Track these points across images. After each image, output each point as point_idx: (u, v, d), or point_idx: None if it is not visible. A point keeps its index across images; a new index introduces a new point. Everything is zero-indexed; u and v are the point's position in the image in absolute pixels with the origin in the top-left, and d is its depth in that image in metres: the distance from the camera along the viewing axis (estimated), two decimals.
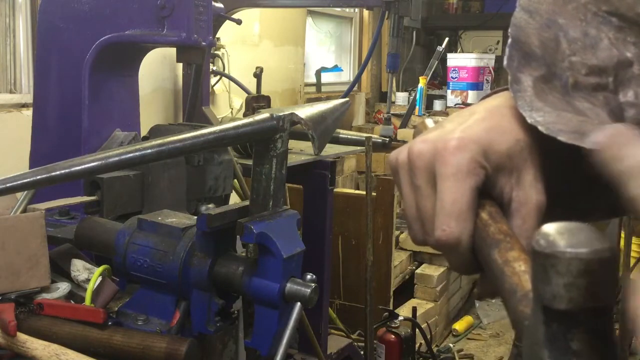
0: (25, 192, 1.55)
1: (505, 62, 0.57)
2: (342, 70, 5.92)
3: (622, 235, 4.13)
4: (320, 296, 1.68)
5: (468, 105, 5.81)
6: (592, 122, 0.53)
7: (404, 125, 5.56)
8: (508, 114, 0.56)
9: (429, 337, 3.77)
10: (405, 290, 4.42)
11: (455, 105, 5.91)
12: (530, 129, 0.53)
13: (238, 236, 1.19)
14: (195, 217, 1.26)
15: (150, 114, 2.99)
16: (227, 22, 3.02)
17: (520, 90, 0.55)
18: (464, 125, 0.56)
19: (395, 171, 0.59)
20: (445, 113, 5.69)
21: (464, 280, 4.91)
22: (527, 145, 0.54)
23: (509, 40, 0.59)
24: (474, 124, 0.55)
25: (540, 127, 0.51)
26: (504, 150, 0.54)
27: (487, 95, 0.62)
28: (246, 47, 4.04)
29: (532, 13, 0.58)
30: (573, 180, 0.60)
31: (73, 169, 0.96)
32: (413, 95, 5.78)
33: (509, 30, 0.59)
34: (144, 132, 2.15)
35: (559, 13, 0.57)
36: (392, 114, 4.28)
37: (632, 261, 4.28)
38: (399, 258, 4.32)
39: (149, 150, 1.03)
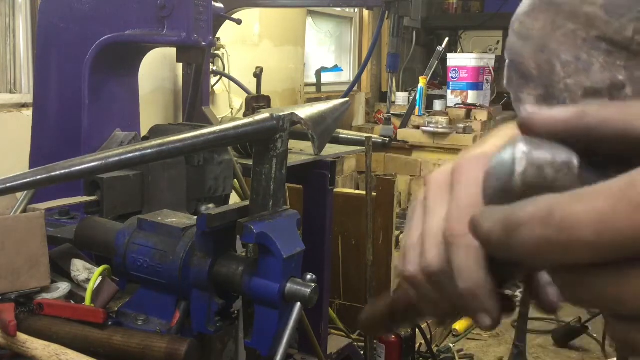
0: (25, 192, 1.55)
1: (505, 82, 0.58)
2: (342, 70, 5.92)
3: None
4: (320, 296, 1.68)
5: (468, 105, 5.82)
6: None
7: (404, 125, 5.56)
8: None
9: (429, 337, 3.76)
10: None
11: (455, 105, 5.91)
12: None
13: (238, 236, 1.19)
14: (195, 217, 1.26)
15: (150, 114, 2.99)
16: (227, 22, 3.02)
17: (522, 106, 0.57)
18: (480, 147, 0.56)
19: (410, 214, 0.57)
20: (445, 113, 5.69)
21: None
22: None
23: (507, 62, 0.59)
24: (491, 144, 0.56)
25: None
26: None
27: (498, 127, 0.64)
28: (246, 47, 4.04)
29: (525, 38, 0.59)
30: None
31: (73, 169, 0.96)
32: (413, 95, 5.77)
33: (505, 53, 0.60)
34: (144, 132, 2.14)
35: (550, 38, 0.58)
36: (392, 114, 4.28)
37: None
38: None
39: (149, 150, 1.03)
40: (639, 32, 0.54)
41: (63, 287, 1.34)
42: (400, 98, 6.08)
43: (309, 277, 1.19)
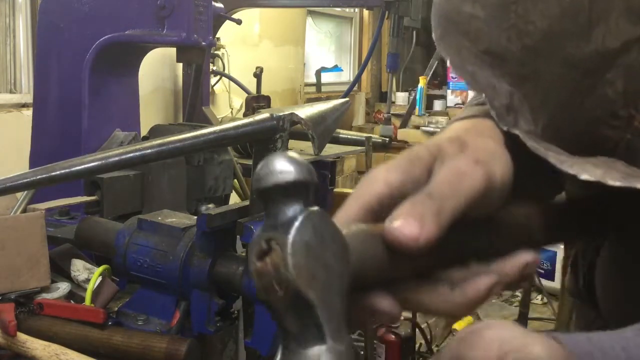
0: (25, 192, 1.55)
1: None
2: (342, 70, 5.92)
3: None
4: None
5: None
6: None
7: (404, 125, 5.56)
8: None
9: (429, 337, 3.76)
10: None
11: (455, 105, 5.91)
12: None
13: (238, 236, 1.19)
14: (195, 217, 1.26)
15: (150, 114, 2.99)
16: (227, 22, 3.02)
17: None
18: (431, 140, 0.59)
19: None
20: (445, 113, 5.69)
21: None
22: None
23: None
24: (437, 139, 0.59)
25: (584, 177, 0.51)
26: None
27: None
28: (246, 47, 4.04)
29: (451, 62, 0.61)
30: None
31: (73, 169, 0.96)
32: (413, 95, 5.77)
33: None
34: (144, 132, 2.14)
35: (463, 60, 0.59)
36: (392, 114, 4.28)
37: None
38: None
39: (149, 150, 1.04)
40: (511, 40, 0.56)
41: (63, 287, 1.34)
42: (400, 98, 6.08)
43: None
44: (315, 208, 0.42)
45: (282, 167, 0.41)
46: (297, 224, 0.41)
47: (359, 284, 0.43)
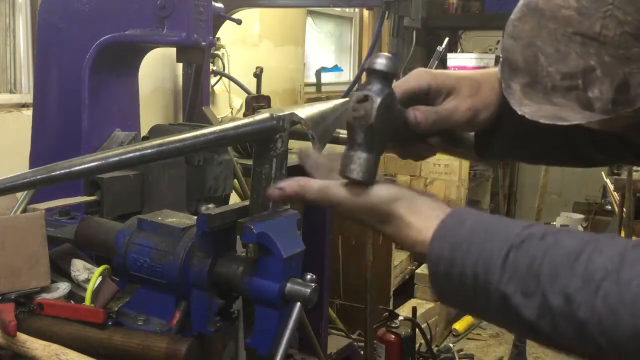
0: (25, 192, 1.55)
1: (499, 75, 0.85)
2: (342, 70, 5.92)
3: (622, 234, 4.13)
4: (320, 296, 1.68)
5: None
6: (566, 110, 0.77)
7: None
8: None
9: (429, 337, 3.76)
10: (405, 290, 4.42)
11: None
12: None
13: (238, 236, 1.19)
14: (195, 217, 1.26)
15: (150, 114, 2.99)
16: (227, 22, 3.02)
17: (511, 93, 0.82)
18: None
19: None
20: None
21: None
22: None
23: (501, 59, 0.85)
24: None
25: (527, 115, 0.79)
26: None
27: None
28: (246, 47, 4.03)
29: (516, 38, 0.83)
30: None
31: (73, 169, 0.96)
32: None
33: (500, 52, 0.85)
34: (144, 132, 2.14)
35: (536, 37, 0.80)
36: None
37: None
38: (399, 258, 4.32)
39: (149, 150, 1.03)
40: (605, 27, 0.73)
41: (63, 287, 1.34)
42: None
43: (309, 277, 1.19)
44: (392, 90, 0.89)
45: (386, 61, 0.88)
46: (385, 94, 0.87)
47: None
